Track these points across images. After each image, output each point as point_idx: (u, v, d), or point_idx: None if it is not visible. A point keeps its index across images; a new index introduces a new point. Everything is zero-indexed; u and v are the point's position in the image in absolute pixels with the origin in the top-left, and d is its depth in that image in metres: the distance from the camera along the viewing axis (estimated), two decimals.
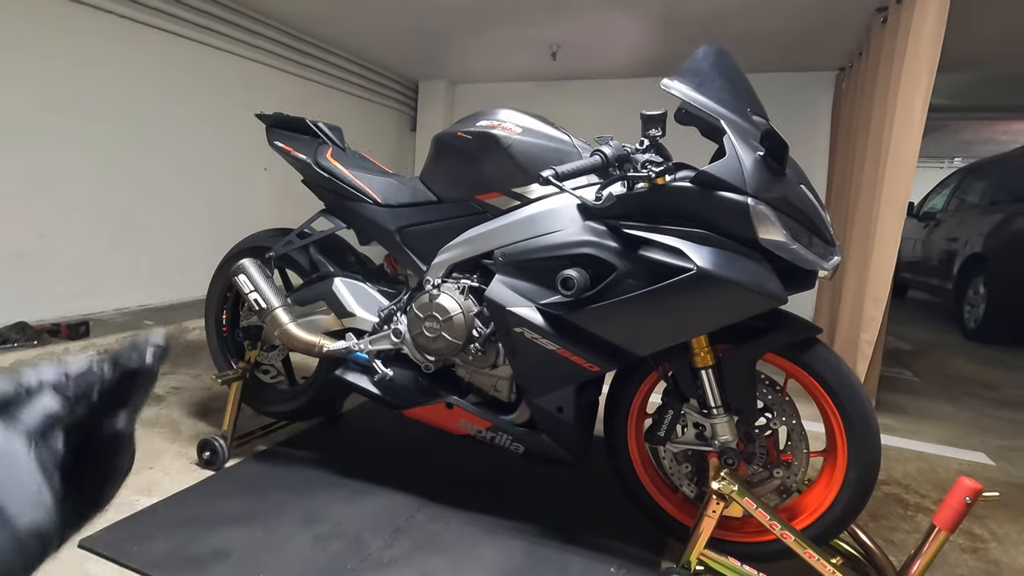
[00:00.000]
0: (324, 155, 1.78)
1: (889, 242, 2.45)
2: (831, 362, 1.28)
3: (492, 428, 1.52)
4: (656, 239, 1.21)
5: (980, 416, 2.75)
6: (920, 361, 3.80)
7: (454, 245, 1.55)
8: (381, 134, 5.80)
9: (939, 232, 5.45)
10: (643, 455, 1.50)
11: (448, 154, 1.59)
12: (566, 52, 4.49)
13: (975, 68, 4.44)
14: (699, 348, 1.31)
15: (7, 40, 2.78)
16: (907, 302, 6.61)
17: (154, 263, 3.64)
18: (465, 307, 1.50)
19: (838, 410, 1.28)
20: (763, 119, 1.29)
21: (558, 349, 1.34)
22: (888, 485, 1.92)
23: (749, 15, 3.53)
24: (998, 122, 6.82)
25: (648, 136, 1.26)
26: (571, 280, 1.24)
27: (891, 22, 2.82)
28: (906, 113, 2.38)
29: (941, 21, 2.28)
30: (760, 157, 1.17)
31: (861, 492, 1.27)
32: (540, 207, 1.41)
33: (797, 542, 1.20)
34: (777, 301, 1.17)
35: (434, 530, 1.50)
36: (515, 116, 1.48)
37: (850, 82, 3.95)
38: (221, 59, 3.92)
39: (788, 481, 1.35)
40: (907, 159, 2.39)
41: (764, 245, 1.16)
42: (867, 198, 2.81)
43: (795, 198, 1.21)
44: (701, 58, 1.30)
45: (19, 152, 2.87)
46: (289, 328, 1.69)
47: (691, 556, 1.25)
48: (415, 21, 4.00)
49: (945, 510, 1.13)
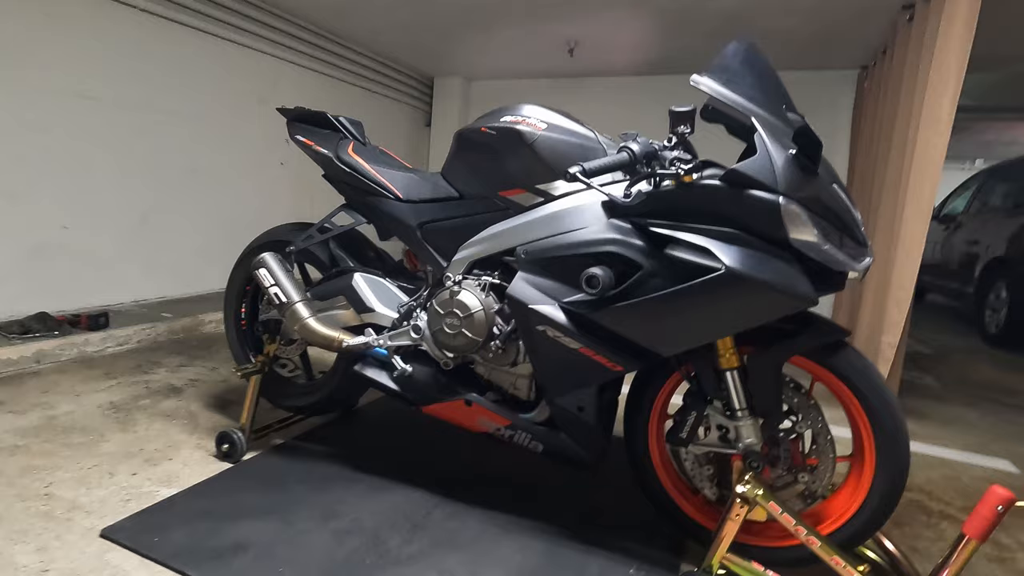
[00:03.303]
0: (345, 150, 1.78)
1: (914, 245, 2.41)
2: (860, 366, 1.26)
3: (511, 426, 1.51)
4: (683, 238, 1.19)
5: (1003, 422, 2.70)
6: (940, 366, 3.74)
7: (475, 241, 1.54)
8: (396, 129, 5.81)
9: (960, 235, 5.36)
10: (664, 456, 1.49)
11: (471, 150, 1.58)
12: (583, 49, 4.46)
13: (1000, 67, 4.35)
14: (725, 349, 1.29)
15: (30, 35, 2.80)
16: (925, 306, 6.51)
17: (172, 256, 3.67)
18: (486, 304, 1.49)
19: (866, 414, 1.25)
20: (798, 116, 1.26)
21: (581, 348, 1.32)
22: (911, 492, 1.89)
23: (770, 12, 3.49)
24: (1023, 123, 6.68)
25: (676, 132, 1.24)
26: (596, 278, 1.23)
27: (918, 20, 2.76)
28: (933, 113, 2.33)
29: (972, 19, 2.23)
30: (792, 155, 1.14)
31: (889, 498, 1.25)
32: (564, 204, 1.40)
33: (823, 548, 1.18)
34: (807, 303, 1.14)
35: (452, 527, 1.49)
36: (540, 112, 1.47)
37: (873, 80, 3.89)
38: (239, 53, 3.93)
39: (813, 486, 1.32)
40: (934, 161, 2.34)
41: (795, 245, 1.13)
42: (890, 199, 2.76)
43: (827, 198, 1.19)
44: (731, 54, 1.28)
45: (42, 146, 2.91)
46: (309, 323, 1.69)
47: (714, 560, 1.23)
48: (431, 17, 3.99)
49: (976, 519, 1.11)
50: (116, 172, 3.27)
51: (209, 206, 3.87)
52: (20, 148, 2.82)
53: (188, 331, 3.22)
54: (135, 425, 1.99)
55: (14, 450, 1.74)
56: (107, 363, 2.62)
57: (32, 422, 1.95)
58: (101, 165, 3.19)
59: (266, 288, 1.73)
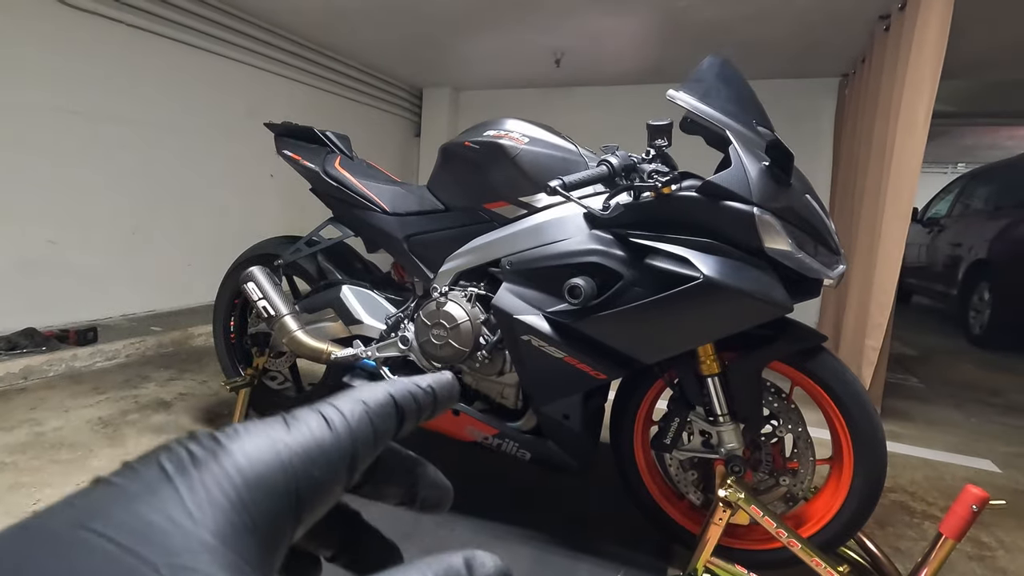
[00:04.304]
0: (332, 164, 1.80)
1: (894, 248, 2.46)
2: (837, 370, 1.29)
3: (498, 435, 1.53)
4: (662, 248, 1.22)
5: (986, 423, 2.74)
6: (925, 367, 3.79)
7: (461, 253, 1.56)
8: (385, 140, 5.84)
9: (943, 238, 5.45)
10: (649, 462, 1.51)
11: (455, 163, 1.60)
12: (570, 59, 4.51)
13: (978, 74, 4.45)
14: (705, 356, 1.32)
15: (18, 48, 2.81)
16: (911, 308, 6.60)
17: (161, 270, 3.67)
18: (472, 315, 1.51)
19: (844, 418, 1.28)
20: (768, 130, 1.30)
21: (565, 357, 1.35)
22: (894, 492, 1.92)
23: (752, 22, 3.55)
24: (1002, 128, 6.82)
25: (654, 146, 1.27)
26: (578, 288, 1.25)
27: (894, 29, 2.83)
28: (910, 119, 2.39)
29: (944, 29, 2.29)
30: (765, 167, 1.18)
31: (867, 500, 1.27)
32: (547, 216, 1.43)
33: (804, 550, 1.21)
34: (783, 309, 1.17)
35: (441, 535, 1.50)
36: (522, 126, 1.50)
37: (853, 88, 3.97)
38: (228, 67, 3.95)
39: (794, 489, 1.35)
40: (911, 165, 2.39)
41: (769, 254, 1.17)
42: (871, 204, 2.81)
43: (800, 208, 1.23)
44: (706, 69, 1.32)
45: (29, 160, 2.90)
46: (297, 335, 1.70)
47: (698, 563, 1.25)
48: (419, 28, 4.03)
49: (952, 518, 1.14)
50: (104, 186, 3.27)
51: (198, 219, 3.87)
52: (6, 163, 2.81)
53: (177, 344, 3.21)
54: (124, 440, 1.99)
55: (2, 467, 1.74)
56: (96, 378, 2.61)
57: (20, 439, 1.94)
58: (89, 179, 3.19)
59: (254, 301, 1.74)
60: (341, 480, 0.19)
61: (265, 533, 0.16)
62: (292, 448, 0.18)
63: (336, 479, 0.19)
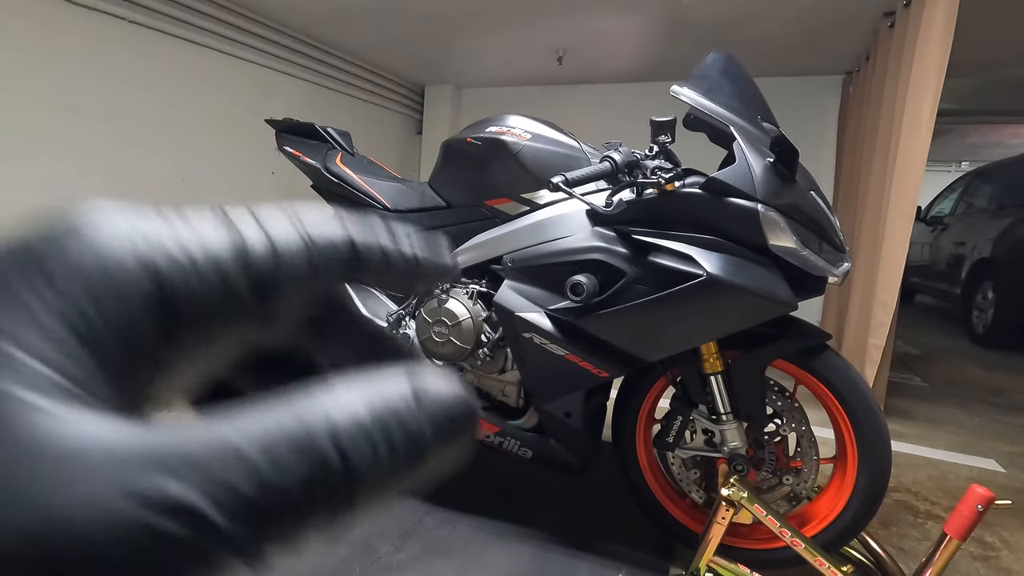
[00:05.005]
0: (334, 160, 1.79)
1: (897, 247, 2.44)
2: (840, 368, 1.28)
3: (500, 433, 1.52)
4: (666, 245, 1.21)
5: (990, 422, 2.73)
6: (928, 366, 3.78)
7: (463, 250, 1.56)
8: (387, 137, 5.83)
9: (947, 236, 5.42)
10: (651, 461, 1.50)
11: (457, 160, 1.60)
12: (572, 56, 4.49)
13: (983, 72, 4.42)
14: (708, 354, 1.31)
15: (16, 45, 2.81)
16: (914, 306, 6.57)
17: None
18: (474, 312, 1.51)
19: (848, 417, 1.27)
20: (773, 126, 1.29)
21: (567, 355, 1.34)
22: (898, 492, 1.91)
23: (756, 19, 3.53)
24: (1006, 126, 6.78)
25: (658, 142, 1.26)
26: (580, 286, 1.24)
27: (899, 27, 2.81)
28: (914, 117, 2.37)
29: (950, 26, 2.27)
30: (770, 163, 1.17)
31: (871, 499, 1.26)
32: (549, 213, 1.42)
33: (807, 549, 1.20)
34: (787, 307, 1.17)
35: (442, 535, 1.50)
36: (524, 122, 1.49)
37: (857, 86, 3.95)
38: (228, 64, 3.94)
39: (798, 488, 1.34)
40: (915, 164, 2.38)
41: (774, 251, 1.16)
42: (875, 202, 2.80)
43: (805, 204, 1.21)
44: (710, 65, 1.31)
45: (27, 156, 2.90)
46: None
47: (700, 563, 1.25)
48: (421, 26, 4.02)
49: (956, 518, 1.13)
50: (104, 183, 3.26)
51: None
52: (7, 159, 2.81)
53: None
54: None
55: None
56: None
57: None
58: (89, 176, 3.18)
59: None
60: (242, 300, 0.14)
61: (107, 341, 0.12)
62: (160, 238, 0.13)
63: (228, 292, 0.14)
